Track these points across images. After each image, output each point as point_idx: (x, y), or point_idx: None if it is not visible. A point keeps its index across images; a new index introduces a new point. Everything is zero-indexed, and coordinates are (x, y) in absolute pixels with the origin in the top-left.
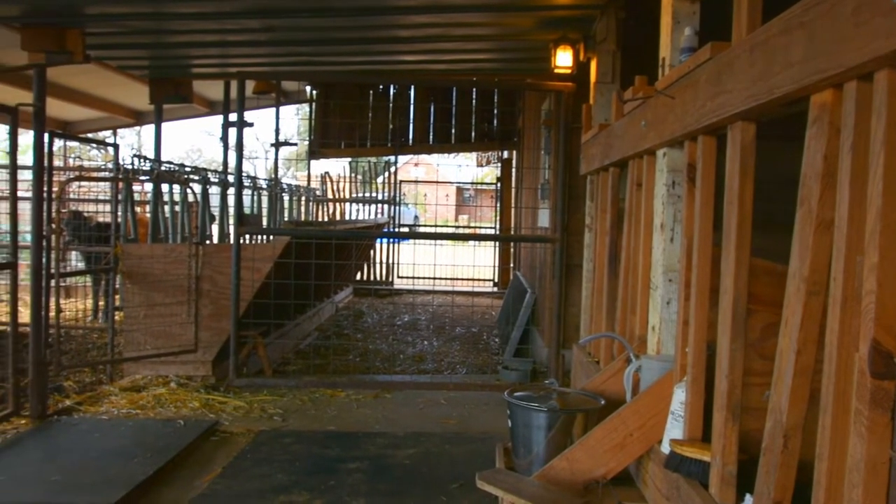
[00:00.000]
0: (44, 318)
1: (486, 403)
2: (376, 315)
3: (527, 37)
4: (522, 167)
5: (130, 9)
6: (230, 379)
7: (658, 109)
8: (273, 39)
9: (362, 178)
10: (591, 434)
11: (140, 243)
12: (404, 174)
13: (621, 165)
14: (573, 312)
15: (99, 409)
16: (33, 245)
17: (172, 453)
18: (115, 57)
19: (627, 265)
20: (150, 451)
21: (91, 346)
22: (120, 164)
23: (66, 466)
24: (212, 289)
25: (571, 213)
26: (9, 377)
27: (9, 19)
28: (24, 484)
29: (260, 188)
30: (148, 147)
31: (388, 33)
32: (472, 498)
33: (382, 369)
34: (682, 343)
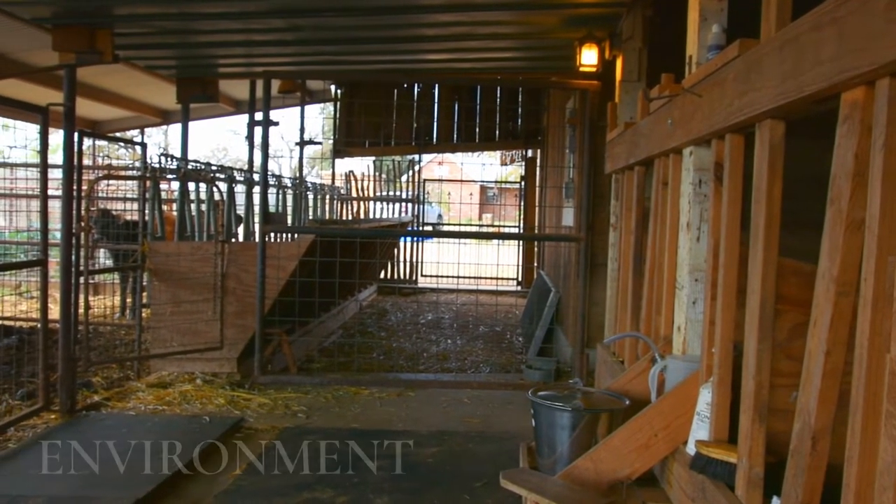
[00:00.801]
0: (73, 314)
1: (510, 402)
2: (400, 313)
3: (552, 35)
4: (547, 166)
5: (158, 9)
6: (255, 376)
7: (685, 108)
8: (298, 39)
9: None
10: (616, 434)
11: (167, 241)
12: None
13: (647, 164)
14: (597, 312)
15: (126, 404)
16: (63, 243)
17: (198, 449)
18: (143, 57)
19: (653, 264)
20: (176, 446)
21: (119, 342)
22: (147, 163)
23: (94, 460)
24: (237, 286)
25: (596, 211)
26: (39, 372)
27: (41, 20)
28: (53, 478)
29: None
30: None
31: (412, 32)
32: (495, 497)
33: (406, 367)
34: (709, 343)
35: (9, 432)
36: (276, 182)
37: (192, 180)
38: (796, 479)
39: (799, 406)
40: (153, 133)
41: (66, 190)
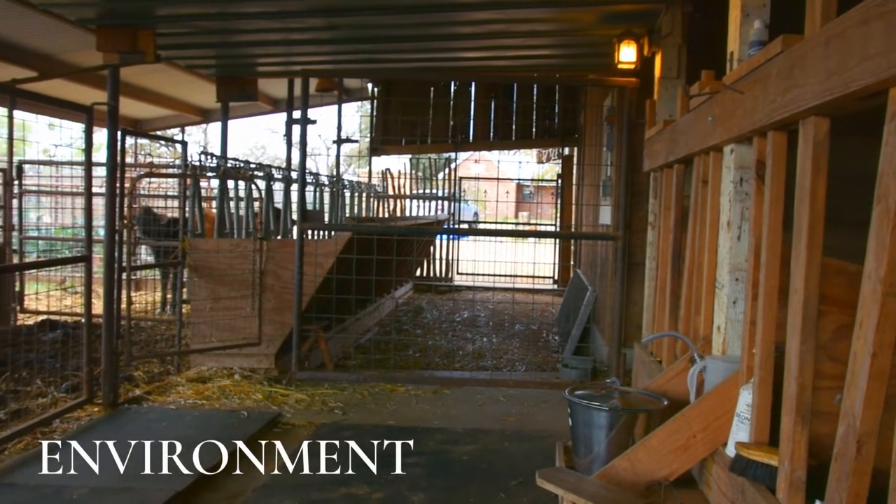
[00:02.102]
0: (115, 309)
1: (546, 401)
2: (436, 311)
3: (589, 32)
4: (584, 164)
5: (198, 9)
6: (292, 372)
7: (726, 105)
8: (336, 37)
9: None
10: (654, 434)
11: (206, 238)
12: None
13: (686, 162)
14: (635, 311)
15: (167, 398)
16: (106, 239)
17: (237, 443)
18: (184, 56)
19: (692, 263)
20: (216, 440)
21: (159, 337)
22: (188, 161)
23: (136, 453)
24: (275, 283)
25: (634, 210)
26: (83, 366)
27: (86, 21)
28: (97, 469)
29: (322, 184)
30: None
31: (449, 30)
32: (530, 496)
33: (442, 365)
34: (749, 344)
35: (54, 424)
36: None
37: (232, 178)
38: (840, 483)
39: (843, 409)
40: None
41: (109, 187)
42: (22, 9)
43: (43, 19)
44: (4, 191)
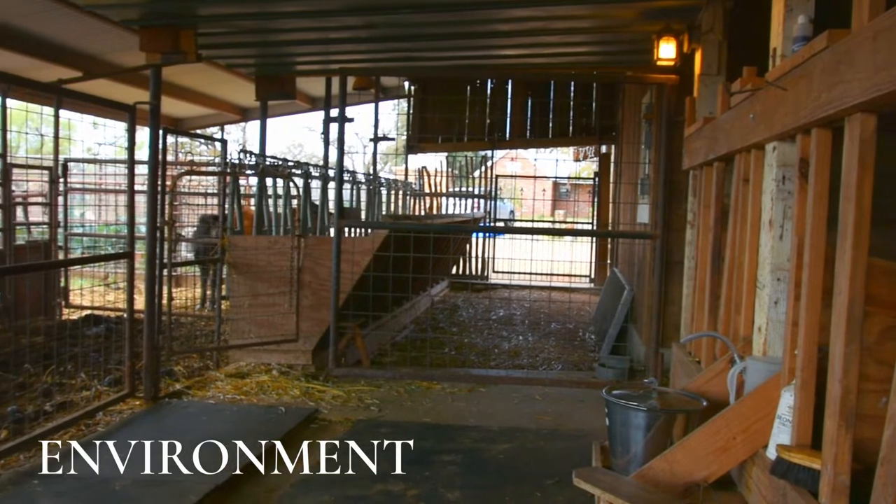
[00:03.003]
0: (157, 305)
1: (582, 400)
2: (472, 309)
3: (628, 29)
4: (621, 162)
5: (238, 9)
6: (329, 368)
7: (768, 102)
8: (373, 36)
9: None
10: (693, 435)
11: (245, 235)
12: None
13: (727, 160)
14: (673, 311)
15: (206, 393)
16: (148, 236)
17: (274, 438)
18: (224, 56)
19: (732, 263)
20: (254, 435)
21: (198, 333)
22: (227, 159)
23: (176, 446)
24: (312, 280)
25: (672, 208)
26: (125, 360)
27: (129, 22)
28: (139, 461)
29: (359, 182)
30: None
31: (487, 28)
32: (566, 495)
33: (477, 363)
34: (791, 345)
35: (97, 417)
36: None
37: (270, 176)
38: (886, 488)
39: (890, 412)
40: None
41: (151, 185)
42: (68, 10)
43: (88, 21)
44: (50, 188)
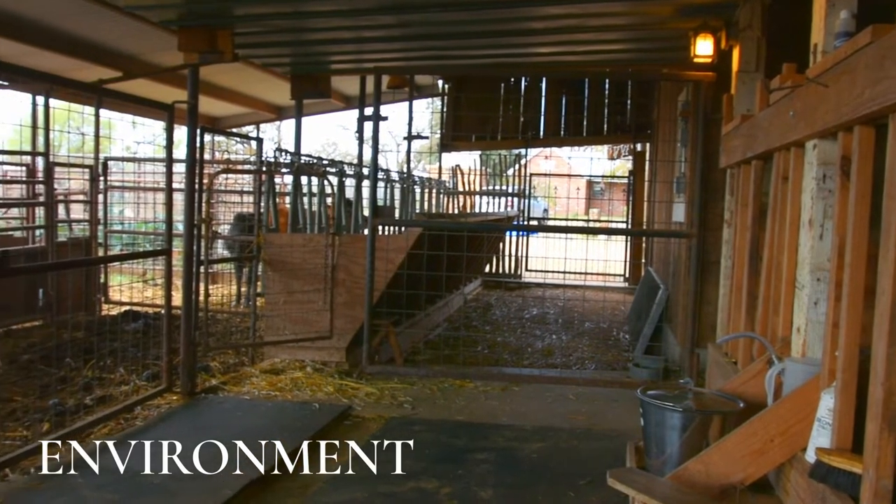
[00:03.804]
0: (194, 301)
1: (616, 400)
2: (505, 308)
3: (664, 26)
4: (657, 160)
5: (274, 9)
6: (363, 366)
7: (808, 99)
8: (407, 34)
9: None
10: (729, 437)
11: (280, 233)
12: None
13: (765, 158)
14: (709, 311)
15: (241, 389)
16: (185, 233)
17: (308, 434)
18: (260, 55)
19: (770, 263)
20: (288, 431)
21: (234, 329)
22: (263, 158)
23: (213, 441)
24: (347, 278)
25: (708, 207)
26: (163, 356)
27: (167, 23)
28: (175, 455)
29: (392, 181)
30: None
31: (521, 26)
32: (600, 495)
33: (511, 362)
34: (832, 346)
35: (136, 411)
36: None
37: (305, 174)
38: None
39: None
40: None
41: (189, 183)
42: (109, 12)
43: (127, 21)
44: (91, 186)
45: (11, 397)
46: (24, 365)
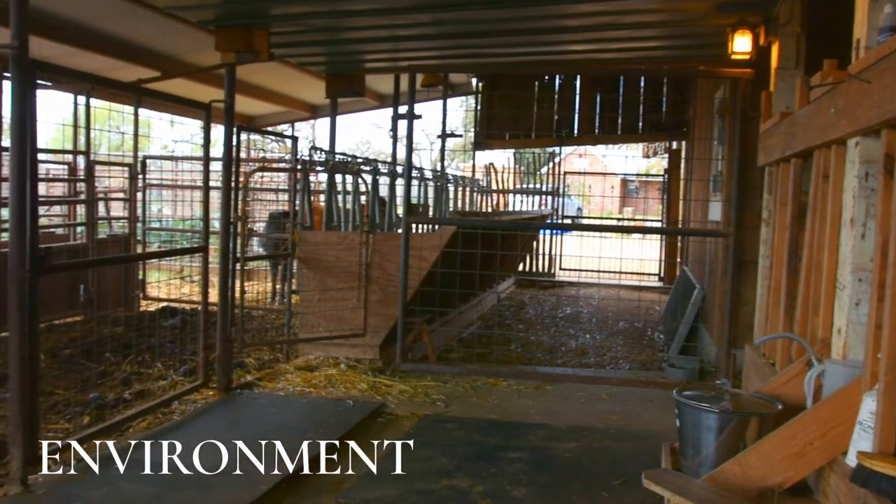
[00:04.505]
0: (230, 298)
1: (651, 400)
2: (538, 306)
3: (701, 22)
4: (692, 158)
5: (309, 8)
6: (396, 363)
7: (850, 96)
8: (441, 33)
9: (526, 169)
10: (767, 439)
11: (315, 231)
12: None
13: (805, 156)
14: (745, 311)
15: (276, 385)
16: (221, 231)
17: (342, 431)
18: (295, 54)
19: (809, 262)
20: (322, 427)
21: (269, 326)
22: (298, 156)
23: (248, 436)
24: (380, 276)
25: (745, 206)
26: (199, 351)
27: (205, 23)
28: (212, 450)
29: (426, 179)
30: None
31: (555, 23)
32: (634, 496)
33: (544, 361)
34: (874, 348)
35: (173, 405)
36: (418, 174)
37: (340, 172)
38: None
39: None
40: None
41: (225, 181)
42: (148, 13)
43: (166, 22)
44: (130, 184)
45: (54, 390)
46: (65, 359)
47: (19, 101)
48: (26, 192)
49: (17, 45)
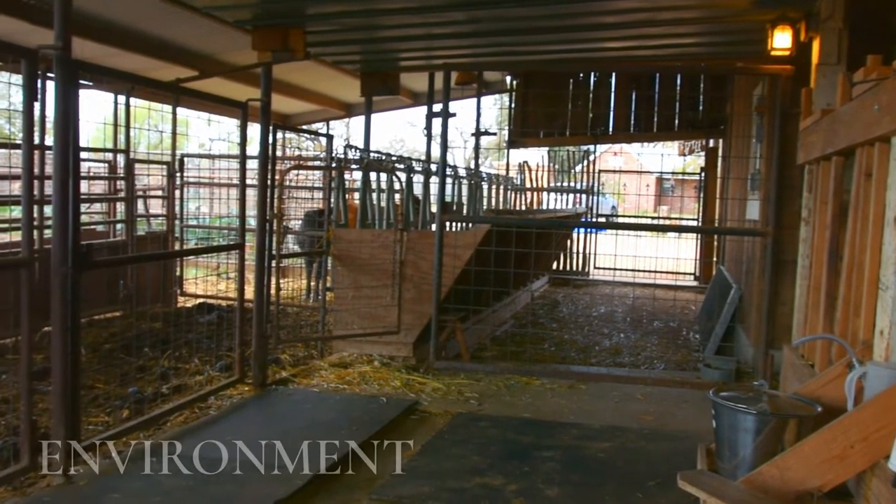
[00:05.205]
0: (265, 295)
1: (686, 401)
2: (572, 305)
3: (739, 18)
4: (730, 156)
5: (345, 7)
6: (430, 361)
7: (895, 92)
8: (476, 31)
9: (560, 167)
10: (807, 442)
11: (350, 228)
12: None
13: (846, 154)
14: (783, 311)
15: (310, 381)
16: (258, 228)
17: (376, 428)
18: (331, 53)
19: (851, 262)
20: (356, 424)
21: (303, 323)
22: (333, 154)
23: (283, 432)
24: (414, 273)
25: (784, 204)
26: (235, 347)
27: (242, 23)
28: (247, 445)
29: (460, 177)
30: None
31: (591, 20)
32: (669, 497)
33: (577, 360)
34: None
35: (209, 400)
36: (451, 172)
37: (375, 170)
38: None
39: None
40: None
41: (261, 179)
42: (186, 13)
43: (203, 22)
44: (168, 182)
45: (94, 384)
46: (105, 354)
47: (63, 100)
48: (69, 190)
49: (61, 46)
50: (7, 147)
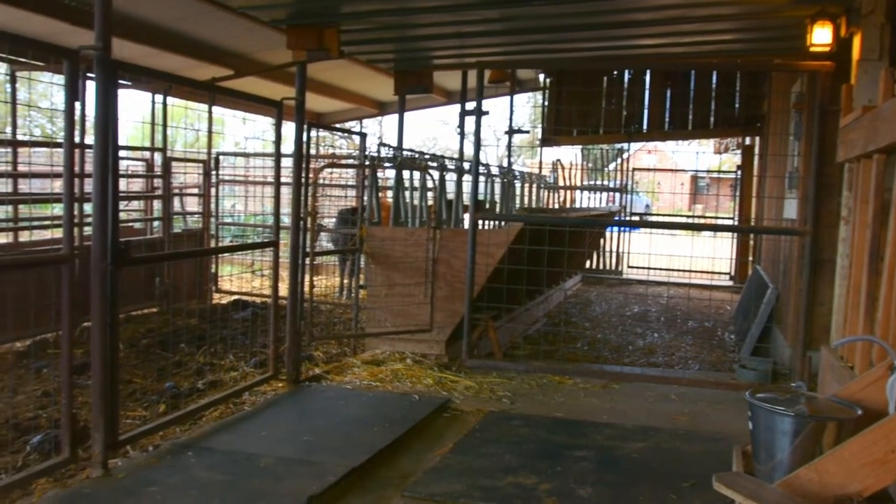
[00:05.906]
0: (299, 292)
1: (721, 402)
2: (605, 304)
3: (777, 14)
4: (767, 154)
5: (379, 6)
6: (462, 359)
7: None
8: (509, 28)
9: (593, 165)
10: (846, 445)
11: (383, 226)
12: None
13: (888, 152)
14: (821, 312)
15: (343, 378)
16: (292, 226)
17: (408, 425)
18: (365, 52)
19: (892, 262)
20: (388, 421)
21: (336, 320)
22: (366, 152)
23: (316, 428)
24: (447, 272)
25: (823, 203)
26: (269, 344)
27: (277, 22)
28: (281, 440)
29: (493, 175)
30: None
31: (625, 17)
32: (704, 499)
33: (611, 359)
34: None
35: (243, 396)
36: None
37: (408, 168)
38: None
39: None
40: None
41: (295, 177)
42: (222, 13)
43: (239, 22)
44: (204, 180)
45: (131, 379)
46: (142, 349)
47: (103, 100)
48: (108, 188)
49: (101, 47)
50: (49, 146)
